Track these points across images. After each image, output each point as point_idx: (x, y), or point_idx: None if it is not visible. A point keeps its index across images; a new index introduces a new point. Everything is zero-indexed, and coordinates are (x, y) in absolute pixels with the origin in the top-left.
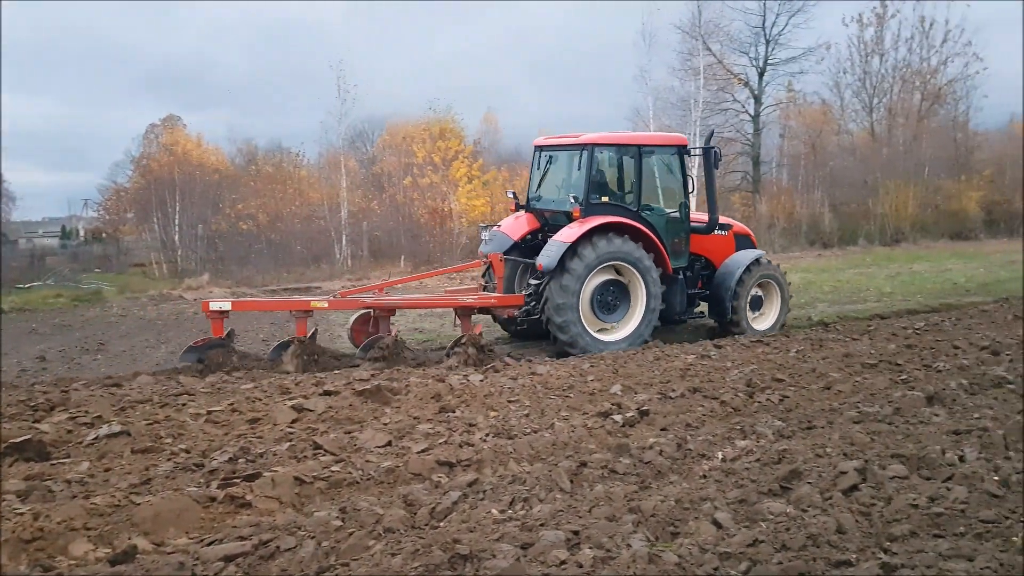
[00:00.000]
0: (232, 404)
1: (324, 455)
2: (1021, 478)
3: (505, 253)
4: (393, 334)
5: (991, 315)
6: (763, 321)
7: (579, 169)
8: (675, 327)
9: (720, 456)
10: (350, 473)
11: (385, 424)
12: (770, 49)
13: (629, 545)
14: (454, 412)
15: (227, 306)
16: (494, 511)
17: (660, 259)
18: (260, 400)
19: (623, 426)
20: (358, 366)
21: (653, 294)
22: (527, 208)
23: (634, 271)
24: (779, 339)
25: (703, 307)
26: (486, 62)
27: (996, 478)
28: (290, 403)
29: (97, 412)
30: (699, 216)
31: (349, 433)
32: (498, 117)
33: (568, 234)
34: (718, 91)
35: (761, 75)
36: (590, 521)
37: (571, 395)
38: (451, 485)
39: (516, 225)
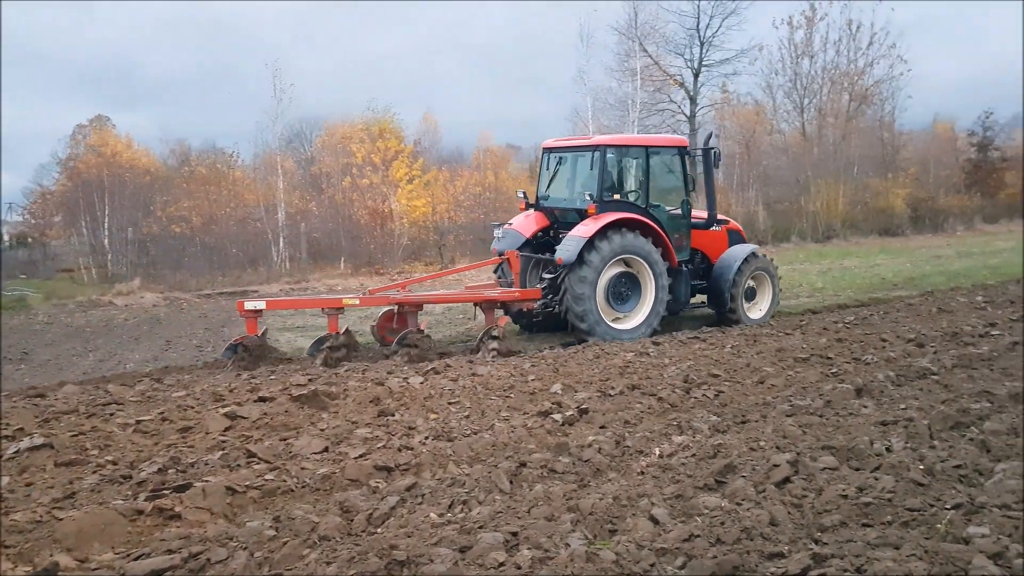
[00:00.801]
0: (162, 413)
1: (258, 463)
2: (945, 466)
3: (519, 249)
4: (423, 327)
5: (916, 308)
6: (756, 311)
7: (592, 169)
8: (679, 316)
9: (657, 452)
10: (285, 481)
11: (322, 430)
12: (704, 51)
13: (567, 544)
14: (393, 416)
15: (262, 305)
16: (432, 515)
17: (667, 253)
18: (192, 408)
19: (563, 425)
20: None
21: (661, 285)
22: (536, 207)
23: (644, 264)
24: (715, 335)
25: (698, 299)
26: (426, 61)
27: (921, 467)
28: (223, 410)
29: (19, 424)
30: (697, 213)
31: (284, 440)
32: (437, 117)
33: (585, 229)
34: (655, 92)
35: (696, 76)
36: (529, 522)
37: (512, 395)
38: (389, 490)
39: (526, 223)
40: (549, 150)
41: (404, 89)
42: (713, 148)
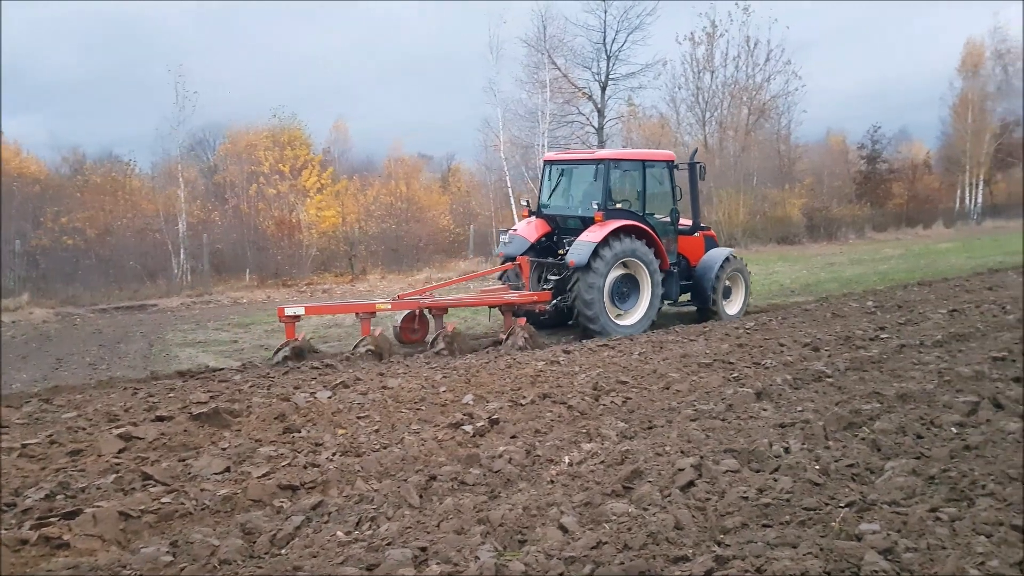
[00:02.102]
0: (51, 435)
1: (154, 486)
2: (839, 466)
3: (523, 254)
4: (451, 328)
5: (812, 314)
6: (732, 307)
7: (595, 180)
8: (667, 314)
9: (567, 460)
10: (183, 504)
11: (223, 449)
12: (611, 65)
13: (477, 557)
14: (299, 432)
15: (300, 311)
16: (339, 533)
17: (660, 256)
18: (84, 430)
19: (473, 436)
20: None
21: (656, 284)
22: (538, 214)
23: (642, 266)
24: (624, 343)
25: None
26: (336, 68)
27: (817, 467)
28: (117, 431)
29: None
30: (683, 220)
31: (183, 461)
32: (348, 125)
33: (594, 235)
34: (564, 104)
35: (603, 89)
36: (438, 536)
37: (423, 407)
38: (294, 509)
39: (530, 229)
40: (551, 162)
41: (313, 96)
42: (698, 163)
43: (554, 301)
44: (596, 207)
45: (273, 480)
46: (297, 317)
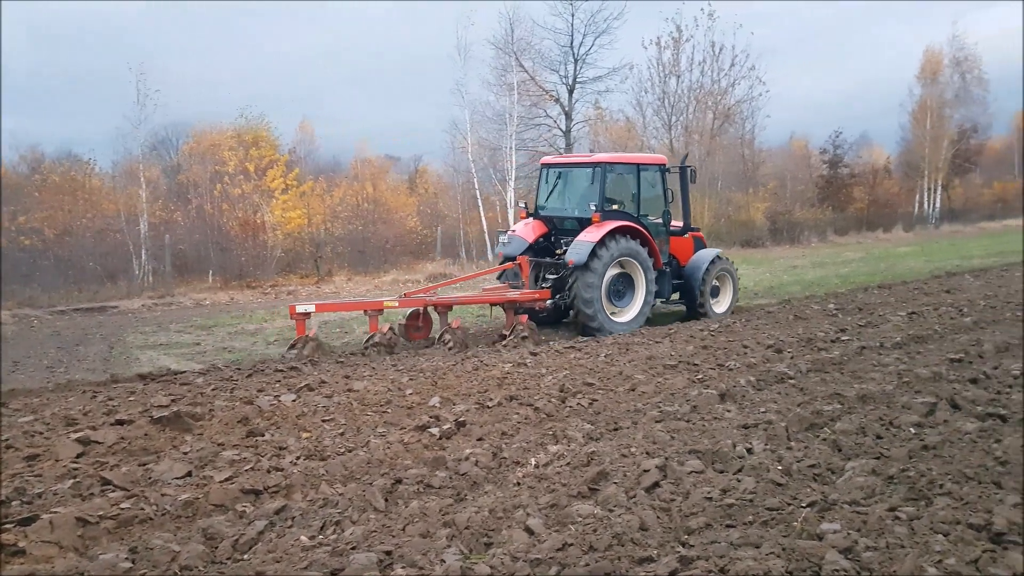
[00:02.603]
0: (7, 440)
1: (113, 491)
2: (801, 466)
3: (522, 254)
4: (455, 324)
5: (775, 316)
6: (720, 306)
7: (593, 183)
8: (659, 312)
9: (533, 463)
10: (143, 509)
11: (185, 453)
12: (578, 68)
13: (443, 560)
14: (263, 436)
15: (312, 308)
16: (303, 538)
17: (654, 256)
18: (41, 434)
19: (440, 439)
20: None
21: (650, 283)
22: (535, 215)
23: (637, 265)
24: (590, 344)
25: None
26: (303, 68)
27: (780, 467)
28: (75, 436)
29: None
30: (674, 222)
31: (143, 465)
32: (314, 126)
33: (592, 235)
34: (532, 106)
35: (571, 92)
36: (404, 539)
37: (389, 410)
38: (257, 514)
39: (527, 230)
40: (548, 166)
41: (280, 96)
42: (689, 167)
43: (551, 300)
44: (594, 208)
45: (236, 484)
46: (308, 314)
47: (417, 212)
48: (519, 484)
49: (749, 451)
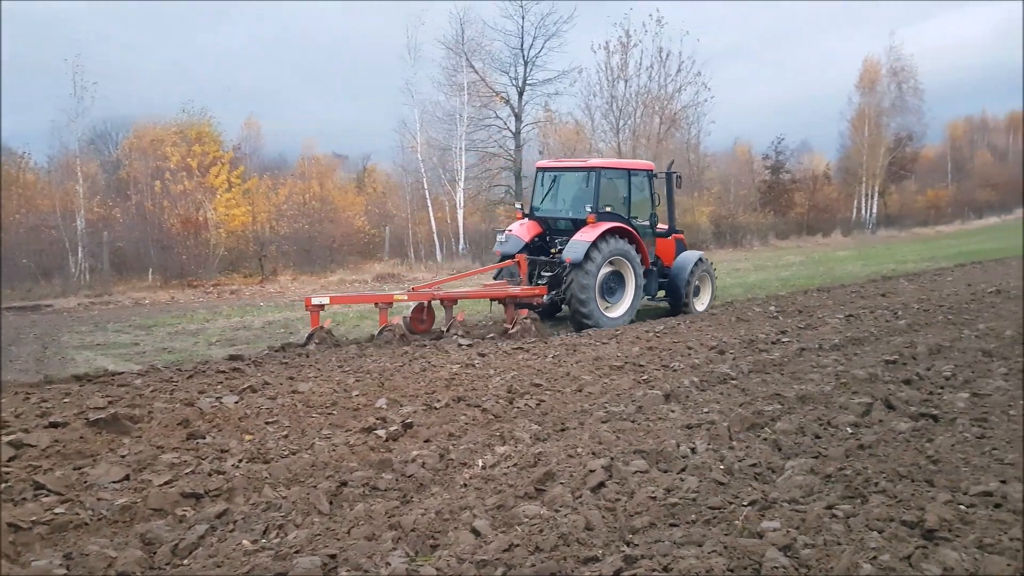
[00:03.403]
0: None
1: (47, 496)
2: (742, 465)
3: (519, 252)
4: (461, 317)
5: (718, 318)
6: (701, 304)
7: (587, 186)
8: (643, 308)
9: (480, 464)
10: (78, 514)
11: (123, 456)
12: (528, 70)
13: (388, 563)
14: (204, 438)
15: (326, 300)
16: (245, 542)
17: (643, 256)
18: None
19: (387, 441)
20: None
21: (639, 280)
22: (530, 216)
23: (628, 264)
24: (538, 346)
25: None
26: (249, 64)
27: (722, 467)
28: (7, 438)
29: None
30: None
31: (79, 469)
32: (261, 122)
33: (588, 235)
34: (482, 107)
35: (521, 94)
36: (349, 543)
37: (334, 412)
38: (197, 518)
39: (523, 229)
40: (543, 169)
41: (225, 92)
42: (675, 172)
43: (548, 295)
44: (589, 210)
45: (176, 488)
46: (322, 306)
47: (365, 211)
48: (466, 485)
49: (692, 451)
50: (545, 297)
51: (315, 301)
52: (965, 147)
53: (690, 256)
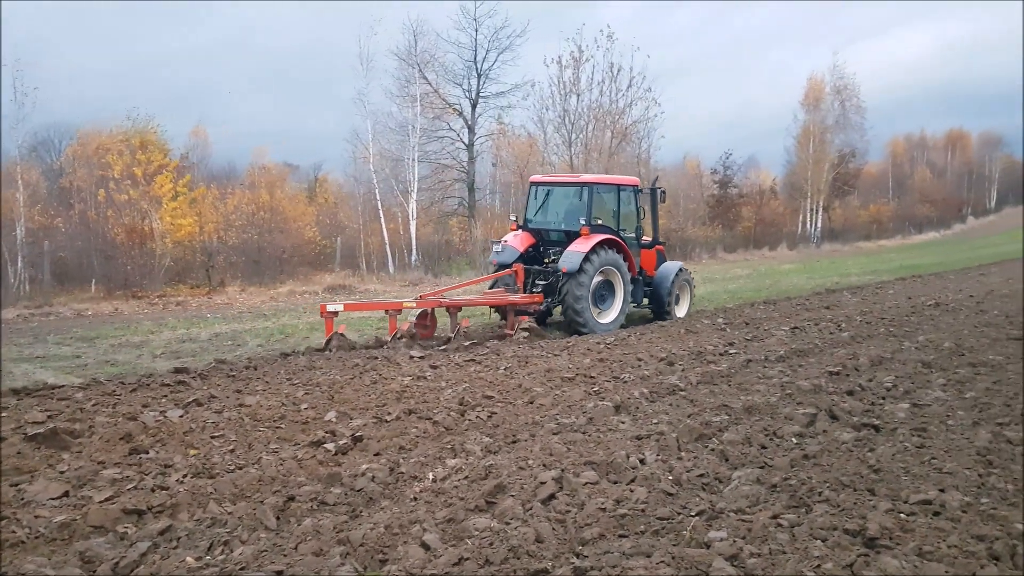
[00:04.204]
0: None
1: None
2: (690, 476)
3: (515, 262)
4: (466, 323)
5: (667, 330)
6: (681, 310)
7: (580, 200)
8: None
9: (431, 477)
10: (14, 532)
11: (62, 472)
12: (481, 83)
13: None
14: (147, 453)
15: (340, 307)
16: (189, 559)
17: (630, 265)
18: None
19: (336, 454)
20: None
21: (627, 289)
22: (524, 228)
23: (617, 273)
24: (491, 357)
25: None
26: (197, 71)
27: (671, 477)
28: None
29: None
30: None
31: (16, 486)
32: (209, 130)
33: (582, 246)
34: (435, 119)
35: (474, 107)
36: (296, 559)
37: (282, 425)
38: (140, 535)
39: (517, 240)
40: (537, 184)
41: (173, 99)
42: (658, 188)
43: (545, 303)
44: (583, 223)
45: (117, 504)
46: (336, 313)
47: (316, 222)
48: (416, 499)
49: (642, 462)
50: (542, 304)
51: (330, 308)
52: (906, 164)
53: (671, 266)
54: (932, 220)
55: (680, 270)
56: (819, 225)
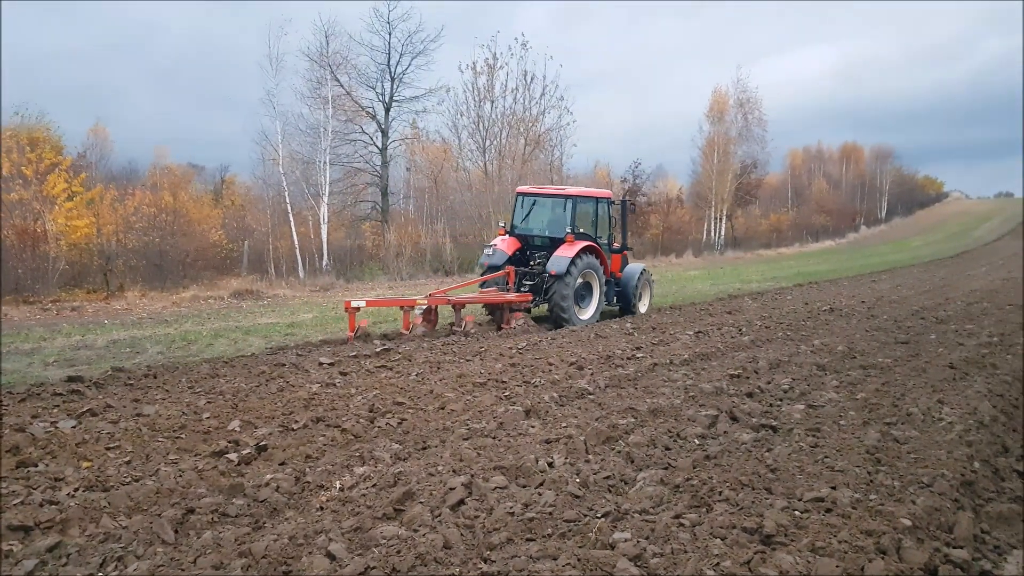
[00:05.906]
0: None
1: None
2: (597, 478)
3: (504, 264)
4: (470, 319)
5: (578, 334)
6: (643, 307)
7: (564, 210)
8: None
9: (338, 485)
10: None
11: None
12: (395, 86)
13: None
14: (36, 466)
15: (362, 303)
16: None
17: (605, 268)
18: None
19: (239, 464)
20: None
21: (603, 289)
22: (511, 233)
23: (595, 276)
24: (403, 363)
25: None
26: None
27: (578, 480)
28: None
29: None
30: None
31: None
32: (109, 129)
33: (568, 251)
34: (347, 122)
35: (388, 110)
36: (194, 573)
37: (183, 436)
38: (26, 552)
39: (506, 245)
40: (524, 194)
41: (67, 96)
42: (629, 200)
43: (532, 301)
44: (568, 231)
45: (2, 521)
46: (359, 308)
47: (222, 225)
48: (322, 508)
49: (551, 465)
50: (531, 303)
51: (353, 304)
52: (804, 175)
53: (635, 268)
54: (828, 229)
55: (643, 271)
56: (723, 233)
